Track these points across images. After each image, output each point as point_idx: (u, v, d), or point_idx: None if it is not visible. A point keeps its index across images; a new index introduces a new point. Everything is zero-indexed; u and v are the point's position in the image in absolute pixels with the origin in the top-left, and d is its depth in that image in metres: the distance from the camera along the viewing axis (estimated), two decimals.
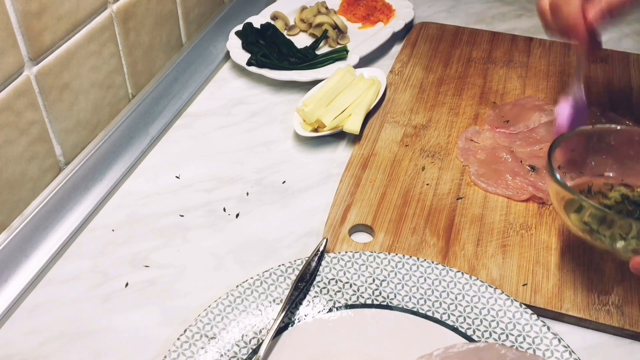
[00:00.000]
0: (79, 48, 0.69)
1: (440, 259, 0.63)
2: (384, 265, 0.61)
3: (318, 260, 0.61)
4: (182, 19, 0.88)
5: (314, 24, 0.95)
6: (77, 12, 0.68)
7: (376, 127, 0.79)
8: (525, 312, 0.56)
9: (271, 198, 0.72)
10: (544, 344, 0.54)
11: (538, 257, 0.63)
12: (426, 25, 0.96)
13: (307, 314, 0.58)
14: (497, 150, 0.74)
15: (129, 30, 0.77)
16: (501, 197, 0.69)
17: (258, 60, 0.88)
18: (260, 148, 0.78)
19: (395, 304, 0.58)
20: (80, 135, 0.72)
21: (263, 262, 0.65)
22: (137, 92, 0.81)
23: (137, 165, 0.76)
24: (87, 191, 0.71)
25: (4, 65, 0.60)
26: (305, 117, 0.78)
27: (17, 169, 0.64)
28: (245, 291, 0.59)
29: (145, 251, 0.66)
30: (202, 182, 0.74)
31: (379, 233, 0.66)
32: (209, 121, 0.82)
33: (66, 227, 0.68)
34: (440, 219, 0.67)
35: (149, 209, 0.71)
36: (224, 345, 0.55)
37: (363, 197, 0.69)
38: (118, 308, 0.61)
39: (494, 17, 1.00)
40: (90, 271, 0.64)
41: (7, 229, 0.64)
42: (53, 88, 0.67)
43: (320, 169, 0.75)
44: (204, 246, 0.66)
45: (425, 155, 0.74)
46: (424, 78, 0.87)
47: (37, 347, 0.58)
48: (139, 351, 0.57)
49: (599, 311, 0.58)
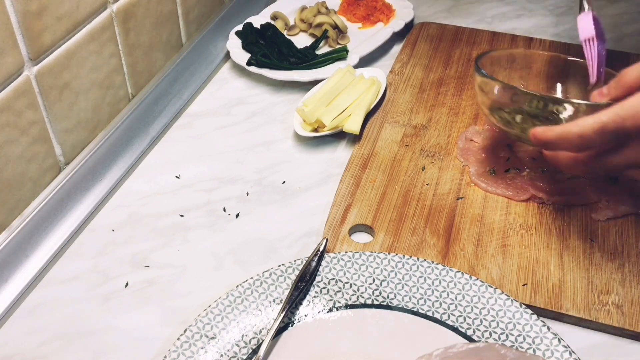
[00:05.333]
0: (79, 48, 0.69)
1: (440, 259, 0.63)
2: (384, 265, 0.61)
3: (318, 260, 0.61)
4: (182, 19, 0.88)
5: (314, 24, 0.95)
6: (77, 12, 0.68)
7: (376, 127, 0.79)
8: (525, 312, 0.56)
9: (271, 198, 0.72)
10: (544, 344, 0.54)
11: (538, 257, 0.63)
12: (426, 25, 0.96)
13: (307, 314, 0.58)
14: (497, 150, 0.74)
15: (129, 30, 0.77)
16: (501, 197, 0.69)
17: (258, 60, 0.88)
18: (260, 148, 0.78)
19: (395, 304, 0.58)
20: (80, 135, 0.72)
21: (263, 262, 0.65)
22: (137, 92, 0.81)
23: (137, 165, 0.76)
24: (87, 191, 0.71)
25: (4, 65, 0.60)
26: (305, 117, 0.78)
27: (17, 169, 0.64)
28: (245, 291, 0.59)
29: (145, 251, 0.66)
30: (202, 182, 0.74)
31: (379, 233, 0.66)
32: (209, 121, 0.82)
33: (66, 227, 0.68)
34: (440, 219, 0.67)
35: (149, 209, 0.71)
36: (224, 345, 0.55)
37: (363, 197, 0.69)
38: (118, 308, 0.61)
39: (494, 17, 1.00)
40: (90, 271, 0.64)
41: (7, 229, 0.64)
42: (53, 88, 0.67)
43: (320, 169, 0.75)
44: (204, 246, 0.66)
45: (425, 155, 0.74)
46: (424, 78, 0.87)
47: (37, 347, 0.58)
48: (139, 351, 0.57)
49: (599, 311, 0.58)
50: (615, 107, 0.54)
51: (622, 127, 0.53)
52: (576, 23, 0.70)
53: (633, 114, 0.53)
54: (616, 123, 0.53)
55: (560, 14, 1.00)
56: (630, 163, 0.56)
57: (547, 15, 1.00)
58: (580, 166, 0.59)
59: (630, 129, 0.53)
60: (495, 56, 0.73)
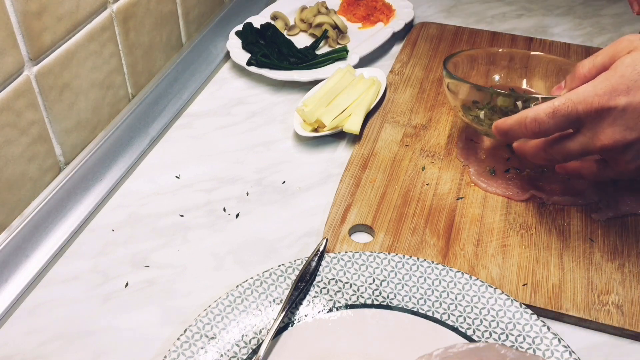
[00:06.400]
0: (79, 48, 0.69)
1: (440, 259, 0.63)
2: (384, 265, 0.61)
3: (318, 260, 0.61)
4: (182, 19, 0.88)
5: (314, 24, 0.95)
6: (77, 12, 0.68)
7: (376, 127, 0.79)
8: (525, 312, 0.56)
9: (271, 198, 0.72)
10: (544, 344, 0.54)
11: (538, 257, 0.63)
12: (426, 25, 0.96)
13: (307, 314, 0.58)
14: (497, 150, 0.74)
15: (129, 30, 0.77)
16: (501, 197, 0.69)
17: (258, 60, 0.88)
18: (260, 148, 0.78)
19: (395, 304, 0.58)
20: (80, 135, 0.72)
21: (263, 262, 0.65)
22: (137, 92, 0.81)
23: (137, 165, 0.76)
24: (87, 191, 0.71)
25: (4, 65, 0.60)
26: (305, 117, 0.78)
27: (17, 169, 0.64)
28: (245, 291, 0.59)
29: (145, 251, 0.66)
30: (202, 182, 0.74)
31: (379, 233, 0.66)
32: (209, 121, 0.82)
33: (66, 227, 0.68)
34: (440, 219, 0.67)
35: (149, 209, 0.71)
36: (224, 345, 0.55)
37: (363, 197, 0.69)
38: (118, 308, 0.61)
39: (494, 17, 1.00)
40: (90, 271, 0.64)
41: (7, 229, 0.64)
42: (53, 88, 0.67)
43: (320, 169, 0.75)
44: (204, 246, 0.66)
45: (425, 155, 0.74)
46: (424, 78, 0.87)
47: (37, 347, 0.58)
48: (139, 351, 0.57)
49: (599, 311, 0.58)
50: (568, 93, 0.57)
51: (574, 110, 0.56)
52: (576, 23, 0.70)
53: (583, 99, 0.56)
54: (568, 107, 0.56)
55: (560, 14, 1.01)
56: (584, 149, 0.58)
57: (547, 15, 1.00)
58: (541, 153, 0.61)
59: (581, 113, 0.56)
60: (459, 60, 0.77)
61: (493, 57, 0.79)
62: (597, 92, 0.55)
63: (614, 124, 0.55)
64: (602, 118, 0.55)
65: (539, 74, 0.77)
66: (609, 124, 0.55)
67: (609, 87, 0.55)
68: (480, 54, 0.78)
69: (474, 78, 0.77)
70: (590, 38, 0.95)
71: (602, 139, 0.56)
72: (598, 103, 0.55)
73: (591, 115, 0.56)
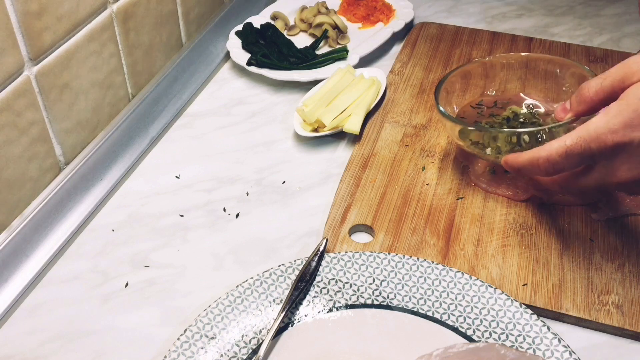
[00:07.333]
0: (79, 48, 0.69)
1: (440, 259, 0.63)
2: (384, 265, 0.61)
3: (318, 260, 0.61)
4: (182, 19, 0.88)
5: (314, 24, 0.95)
6: (77, 12, 0.68)
7: (376, 127, 0.79)
8: (525, 312, 0.56)
9: (271, 198, 0.72)
10: (544, 344, 0.54)
11: (538, 257, 0.63)
12: (426, 25, 0.96)
13: (307, 314, 0.58)
14: None
15: (129, 30, 0.77)
16: (501, 197, 0.69)
17: (258, 60, 0.88)
18: (260, 148, 0.78)
19: (395, 304, 0.58)
20: (80, 135, 0.72)
21: (263, 262, 0.65)
22: (137, 92, 0.81)
23: (137, 165, 0.76)
24: (87, 191, 0.71)
25: (4, 65, 0.60)
26: (305, 117, 0.78)
27: (17, 169, 0.64)
28: (245, 291, 0.59)
29: (145, 251, 0.66)
30: (202, 182, 0.74)
31: (379, 233, 0.66)
32: (208, 121, 0.82)
33: (66, 227, 0.68)
34: (440, 219, 0.67)
35: (149, 209, 0.71)
36: (224, 345, 0.55)
37: (363, 197, 0.69)
38: (118, 308, 0.61)
39: (494, 17, 1.00)
40: (90, 271, 0.64)
41: (7, 229, 0.64)
42: (53, 88, 0.67)
43: (320, 169, 0.75)
44: (204, 246, 0.66)
45: (425, 155, 0.74)
46: (424, 78, 0.87)
47: (37, 347, 0.58)
48: (139, 351, 0.57)
49: (599, 311, 0.58)
50: (579, 130, 0.55)
51: (587, 149, 0.54)
52: (576, 23, 0.70)
53: (596, 137, 0.54)
54: (581, 146, 0.54)
55: (560, 14, 1.00)
56: (600, 184, 0.57)
57: (547, 15, 1.00)
58: (557, 187, 0.61)
59: (595, 151, 0.54)
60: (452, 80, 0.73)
61: (487, 69, 0.76)
62: (610, 129, 0.53)
63: (630, 160, 0.54)
64: (616, 155, 0.54)
65: (538, 77, 0.76)
66: (625, 160, 0.54)
67: (622, 122, 0.53)
68: (473, 69, 0.75)
69: (470, 94, 0.75)
70: (590, 38, 0.95)
71: (618, 175, 0.55)
72: (612, 141, 0.53)
73: (606, 153, 0.54)
